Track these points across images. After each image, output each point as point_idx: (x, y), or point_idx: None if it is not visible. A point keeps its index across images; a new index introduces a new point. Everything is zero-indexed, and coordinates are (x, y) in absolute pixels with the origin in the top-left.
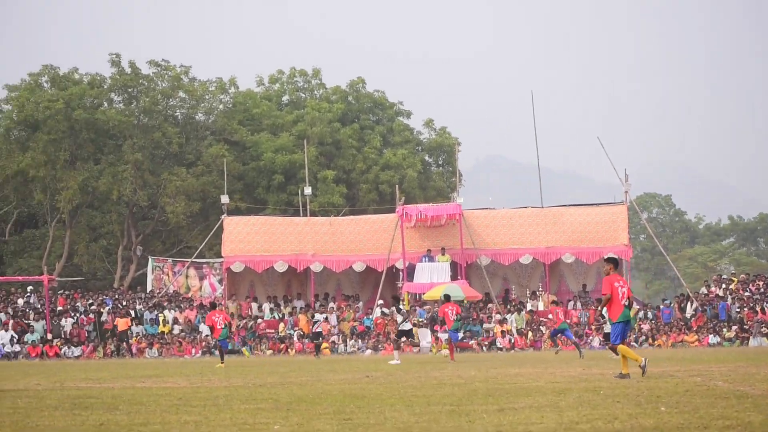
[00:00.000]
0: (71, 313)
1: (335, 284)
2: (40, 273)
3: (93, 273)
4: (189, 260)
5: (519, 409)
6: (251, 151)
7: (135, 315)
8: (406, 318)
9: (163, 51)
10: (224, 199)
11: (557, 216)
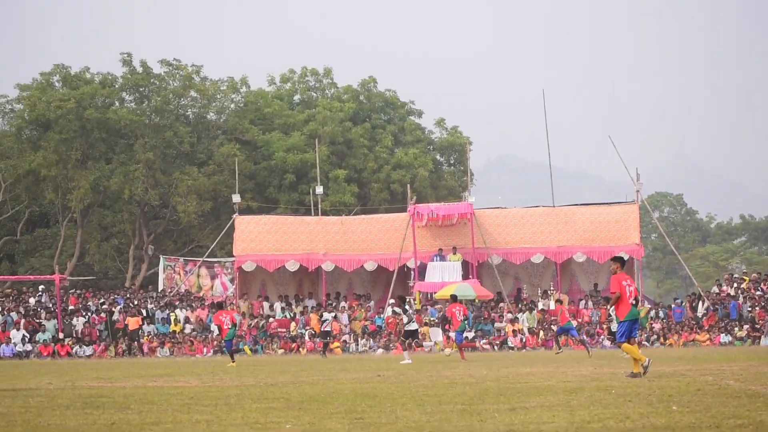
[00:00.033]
0: (83, 313)
1: (347, 283)
2: (52, 272)
3: (104, 272)
4: (200, 259)
5: (530, 409)
6: (263, 151)
7: (146, 314)
8: (412, 319)
9: (175, 50)
10: (236, 199)
11: (568, 215)
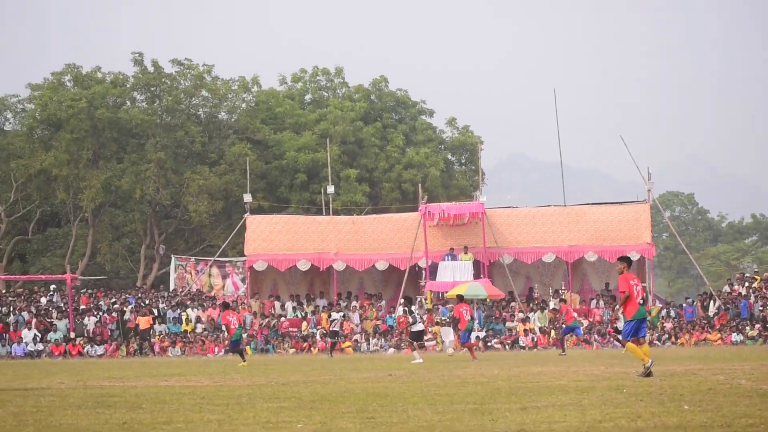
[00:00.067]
0: (94, 312)
1: (358, 283)
2: (63, 272)
3: (116, 272)
4: (212, 259)
5: (542, 408)
6: (274, 150)
7: (158, 314)
8: (416, 320)
9: (186, 50)
10: (247, 198)
11: (580, 214)
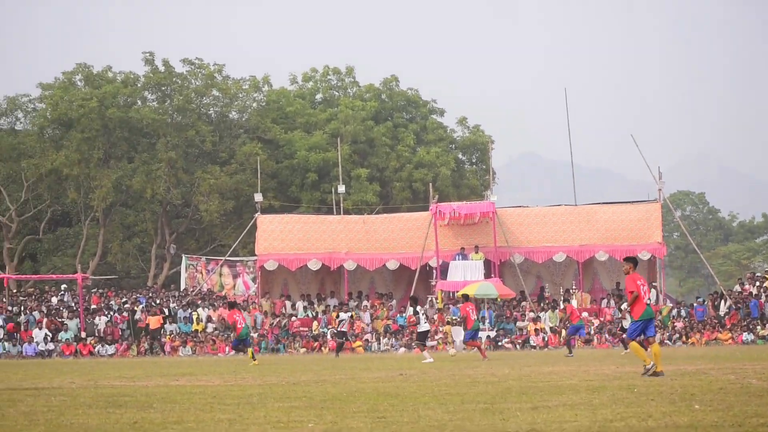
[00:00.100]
0: (105, 312)
1: (369, 282)
2: (74, 271)
3: (127, 271)
4: (222, 258)
5: (553, 407)
6: (285, 150)
7: (168, 313)
8: (420, 321)
9: (197, 50)
10: (258, 198)
11: (591, 214)
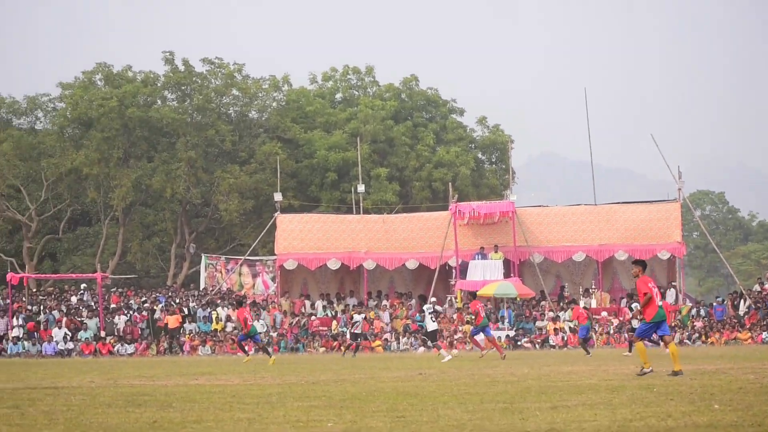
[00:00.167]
0: (124, 311)
1: (388, 282)
2: (94, 270)
3: (146, 270)
4: (242, 258)
5: (572, 407)
6: (304, 149)
7: (188, 312)
8: (423, 320)
9: (217, 49)
10: (277, 197)
11: (610, 213)
